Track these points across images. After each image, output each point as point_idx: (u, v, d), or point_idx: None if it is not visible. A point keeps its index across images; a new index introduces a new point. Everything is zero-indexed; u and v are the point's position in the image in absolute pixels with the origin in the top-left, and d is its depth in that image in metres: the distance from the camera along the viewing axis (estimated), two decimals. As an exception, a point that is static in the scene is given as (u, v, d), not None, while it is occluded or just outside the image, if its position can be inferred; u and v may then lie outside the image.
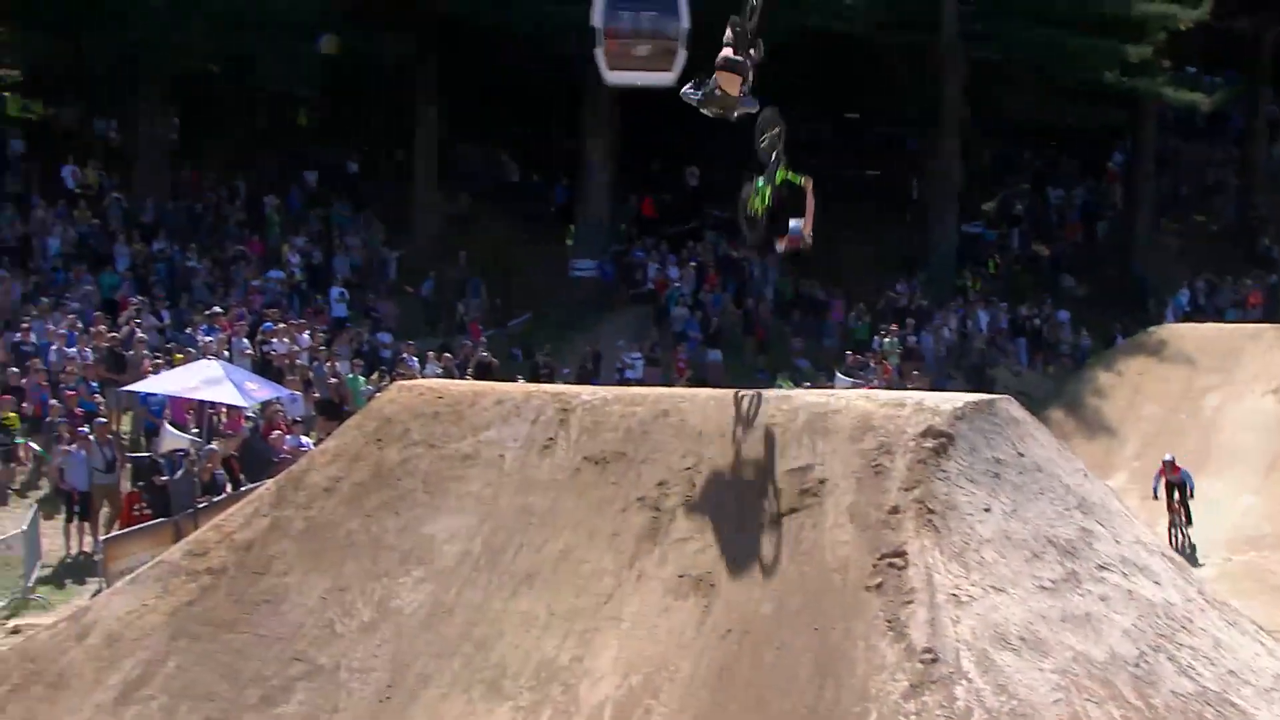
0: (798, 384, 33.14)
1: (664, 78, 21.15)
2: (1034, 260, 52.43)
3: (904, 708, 14.55)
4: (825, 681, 14.99)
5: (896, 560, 15.80)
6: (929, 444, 16.71)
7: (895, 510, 16.22)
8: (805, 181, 17.56)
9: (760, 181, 17.63)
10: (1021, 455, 17.19)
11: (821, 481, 16.72)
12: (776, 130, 17.62)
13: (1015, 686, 14.82)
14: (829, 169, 49.77)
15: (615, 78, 23.55)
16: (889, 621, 15.25)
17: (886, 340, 40.91)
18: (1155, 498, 32.30)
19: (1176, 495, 32.68)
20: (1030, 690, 14.79)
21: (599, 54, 24.05)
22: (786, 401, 18.53)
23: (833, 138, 52.98)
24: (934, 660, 14.82)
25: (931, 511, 16.17)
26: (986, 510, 16.40)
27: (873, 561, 15.87)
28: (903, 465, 16.59)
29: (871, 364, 38.93)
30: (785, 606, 15.80)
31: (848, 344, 41.99)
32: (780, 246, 18.19)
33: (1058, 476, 17.39)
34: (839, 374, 37.07)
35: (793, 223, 17.69)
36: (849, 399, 18.62)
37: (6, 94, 53.19)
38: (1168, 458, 32.82)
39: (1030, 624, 15.46)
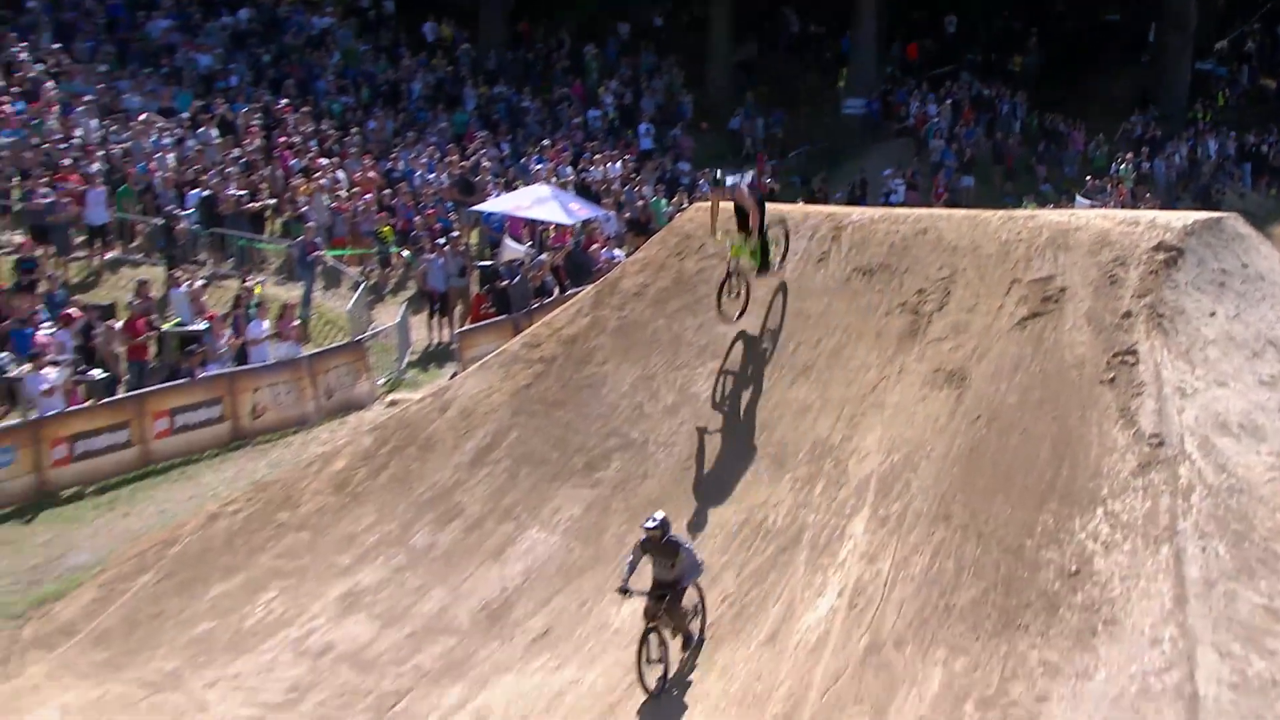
0: (1041, 206, 32.08)
1: None
2: (1262, 93, 48.94)
3: (1132, 484, 14.64)
4: (1063, 462, 15.17)
5: (1128, 357, 15.78)
6: (1160, 256, 16.52)
7: (1128, 315, 16.15)
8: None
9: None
10: (1245, 266, 16.78)
11: (1062, 290, 16.71)
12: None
13: (1234, 466, 14.75)
14: (1072, 14, 47.62)
15: None
16: (1120, 410, 15.37)
17: (1122, 166, 39.64)
18: None
19: None
20: (1248, 470, 14.85)
21: None
22: (1033, 220, 18.35)
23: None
24: (1160, 444, 14.85)
25: (1161, 315, 16.07)
26: (1212, 314, 16.17)
27: (1107, 359, 15.89)
28: (1136, 275, 16.46)
29: (1108, 188, 37.80)
30: (1028, 398, 16.00)
31: (1087, 170, 40.70)
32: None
33: (1279, 285, 16.93)
34: (1079, 197, 35.91)
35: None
36: (1088, 218, 18.41)
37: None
38: None
39: (1249, 413, 15.29)
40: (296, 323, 26.62)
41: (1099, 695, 13.21)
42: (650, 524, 15.02)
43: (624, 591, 14.98)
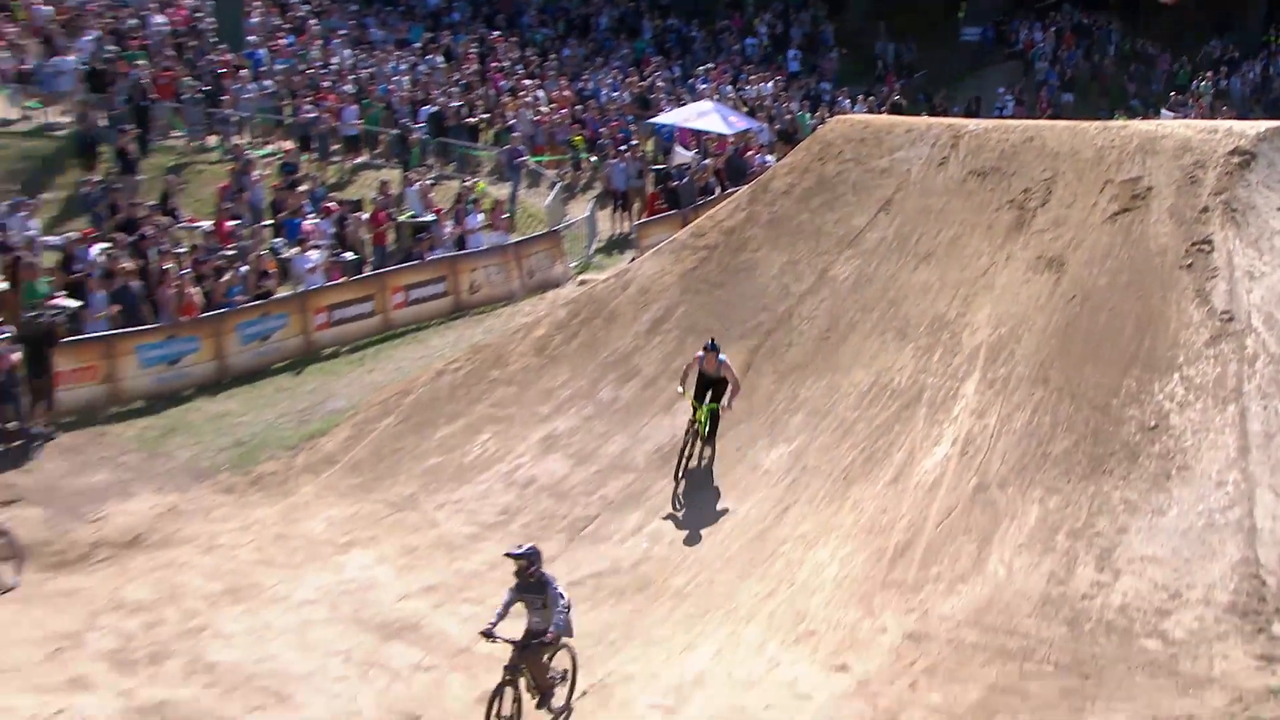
0: (1131, 118, 31.09)
1: None
2: None
3: (1205, 353, 14.93)
4: (1145, 335, 15.45)
5: (1204, 246, 15.87)
6: (1235, 160, 16.46)
7: (1205, 209, 16.16)
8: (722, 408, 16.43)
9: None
10: None
11: (1149, 189, 16.77)
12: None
13: None
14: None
15: None
16: (1196, 291, 15.54)
17: (1202, 84, 38.11)
18: None
19: None
20: None
21: None
22: (1124, 129, 18.30)
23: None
24: (1230, 319, 15.08)
25: (1234, 210, 16.05)
26: (1278, 209, 16.18)
27: (1186, 247, 15.98)
28: (1213, 176, 16.43)
29: (1189, 102, 36.30)
30: (1117, 280, 16.14)
31: (1171, 87, 39.12)
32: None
33: None
34: (1164, 110, 34.58)
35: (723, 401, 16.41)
36: (1172, 128, 18.24)
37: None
38: None
39: None
40: (505, 216, 26.87)
41: (1171, 528, 13.53)
42: (516, 551, 12.99)
43: (488, 635, 12.60)
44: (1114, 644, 12.78)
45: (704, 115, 31.72)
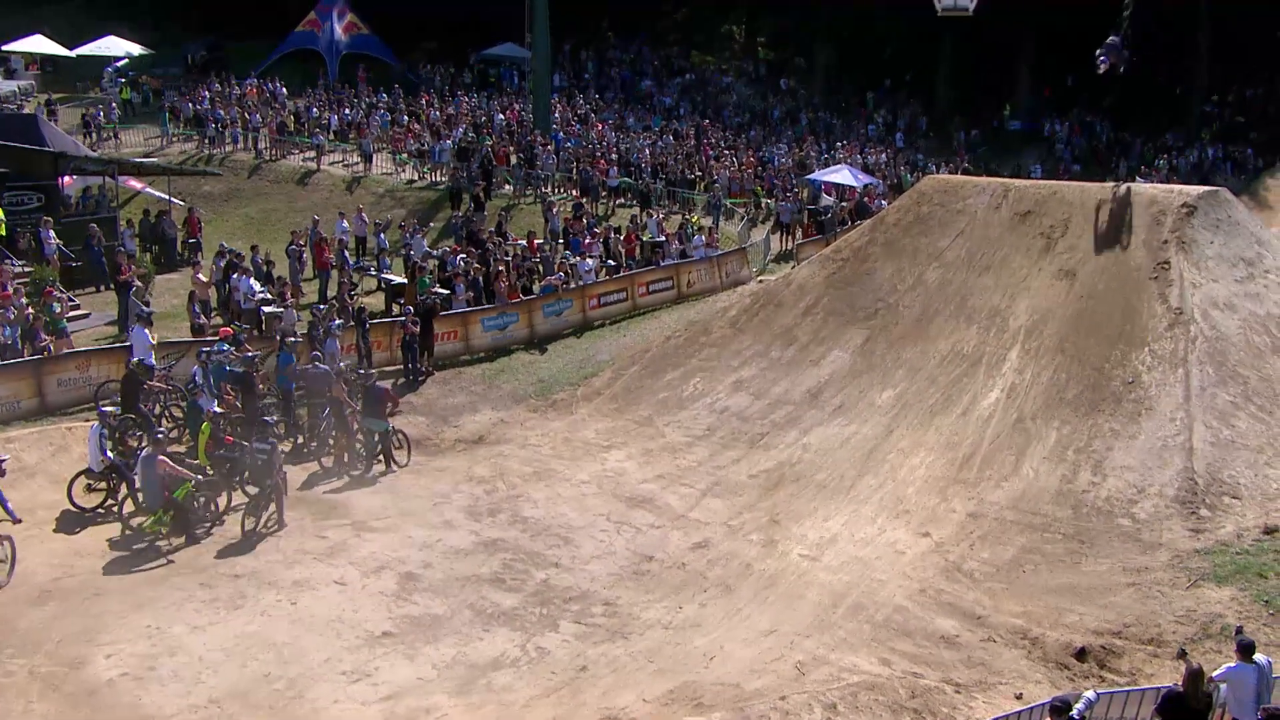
0: (1118, 181, 30.29)
1: None
2: (1234, 124, 41.02)
3: (1165, 334, 15.98)
4: (1126, 322, 16.40)
5: (1165, 265, 16.88)
6: (1185, 210, 17.47)
7: (1165, 241, 17.21)
8: None
9: None
10: (1229, 216, 17.68)
11: (1131, 226, 17.74)
12: None
13: (1220, 326, 16.04)
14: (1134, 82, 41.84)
15: None
16: (1159, 294, 16.55)
17: (1160, 161, 37.51)
18: None
19: None
20: (1227, 328, 16.08)
21: None
22: (1114, 188, 18.93)
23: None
24: (1180, 313, 16.10)
25: (1184, 242, 17.08)
26: (1211, 243, 17.27)
27: (1153, 265, 17.00)
28: (1170, 220, 17.44)
29: (1153, 174, 35.50)
30: (1110, 285, 17.06)
31: (1143, 163, 37.50)
32: None
33: (1245, 225, 17.57)
34: (1138, 178, 33.96)
35: None
36: (1145, 188, 19.15)
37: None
38: None
39: (1229, 298, 16.52)
40: (716, 238, 27.29)
41: (1141, 447, 14.33)
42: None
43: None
44: (1101, 521, 13.33)
45: (840, 173, 32.20)
